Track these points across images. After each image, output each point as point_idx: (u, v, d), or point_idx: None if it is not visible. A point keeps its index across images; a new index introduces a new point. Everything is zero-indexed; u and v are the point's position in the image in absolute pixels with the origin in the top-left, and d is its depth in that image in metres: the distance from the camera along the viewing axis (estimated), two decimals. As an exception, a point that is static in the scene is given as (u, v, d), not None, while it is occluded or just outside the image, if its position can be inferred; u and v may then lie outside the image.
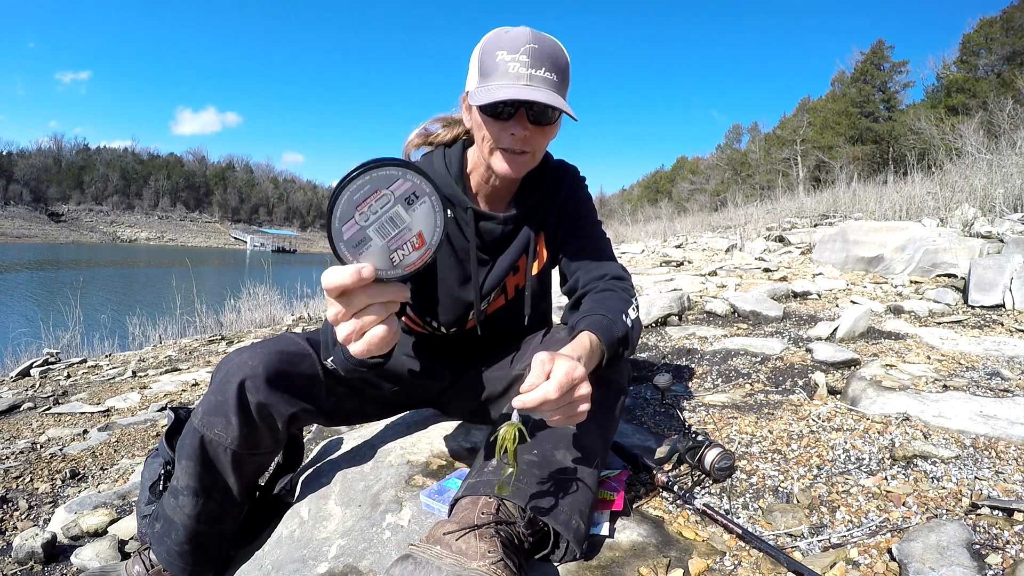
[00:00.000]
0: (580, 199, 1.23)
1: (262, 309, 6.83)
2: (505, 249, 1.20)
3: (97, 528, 1.53)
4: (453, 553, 0.75)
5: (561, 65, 0.99)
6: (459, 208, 1.15)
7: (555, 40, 1.00)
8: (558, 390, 0.74)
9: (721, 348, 2.16)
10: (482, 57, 0.98)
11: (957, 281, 3.26)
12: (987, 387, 1.53)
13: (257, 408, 0.99)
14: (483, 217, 1.15)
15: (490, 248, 1.18)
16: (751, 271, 4.59)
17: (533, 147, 1.03)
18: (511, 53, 0.95)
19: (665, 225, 15.28)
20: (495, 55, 0.96)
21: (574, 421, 0.80)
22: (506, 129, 0.99)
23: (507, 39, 0.97)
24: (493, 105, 0.96)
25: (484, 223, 1.15)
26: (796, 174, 27.38)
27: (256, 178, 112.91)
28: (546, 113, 0.99)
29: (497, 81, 0.95)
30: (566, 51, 1.02)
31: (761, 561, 0.89)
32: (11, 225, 68.87)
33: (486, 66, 0.97)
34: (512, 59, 0.95)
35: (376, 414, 1.32)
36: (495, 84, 0.95)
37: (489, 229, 1.16)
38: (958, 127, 10.85)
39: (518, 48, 0.95)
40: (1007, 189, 5.39)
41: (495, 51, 0.96)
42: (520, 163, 1.03)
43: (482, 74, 0.98)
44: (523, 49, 0.95)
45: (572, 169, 1.26)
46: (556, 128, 1.05)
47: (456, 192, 1.14)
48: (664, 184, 47.50)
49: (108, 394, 3.44)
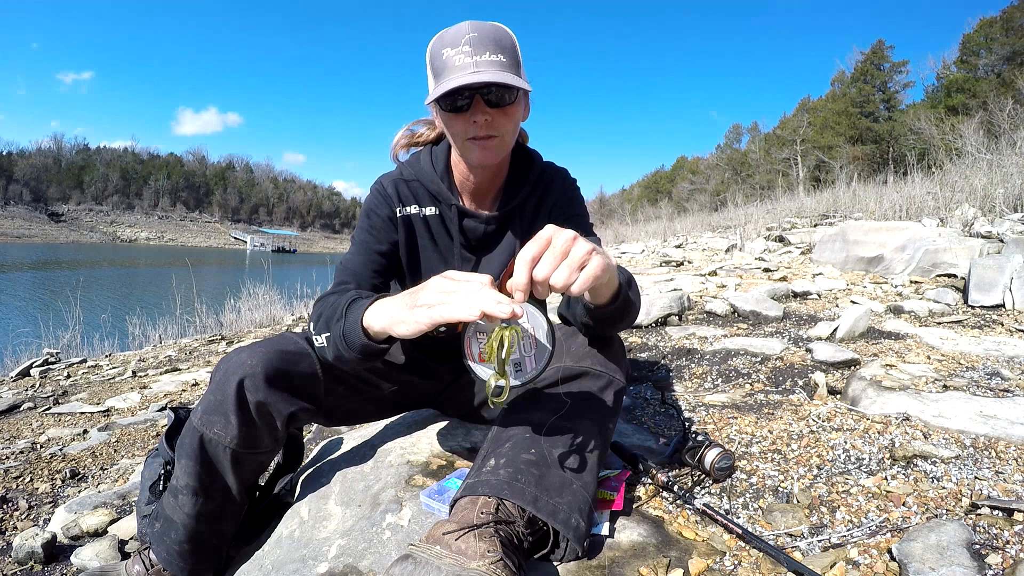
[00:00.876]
0: (572, 201, 1.24)
1: (262, 309, 6.83)
2: (490, 249, 1.21)
3: (97, 528, 1.53)
4: (453, 553, 0.75)
5: (505, 45, 1.00)
6: (443, 205, 1.17)
7: (497, 24, 1.01)
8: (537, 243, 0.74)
9: (721, 348, 2.16)
10: (431, 60, 1.01)
11: (957, 281, 3.26)
12: (987, 387, 1.53)
13: (256, 407, 0.99)
14: (466, 215, 1.17)
15: (473, 247, 1.20)
16: (751, 271, 4.59)
17: (499, 130, 1.03)
18: (454, 48, 0.98)
19: (665, 225, 15.28)
20: (441, 54, 0.99)
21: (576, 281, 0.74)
22: (467, 119, 1.01)
23: (448, 36, 0.99)
24: (448, 98, 0.98)
25: (467, 221, 1.17)
26: (796, 174, 27.39)
27: (256, 178, 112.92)
28: (502, 95, 1.00)
29: (447, 76, 0.98)
30: (511, 32, 1.03)
31: (761, 561, 0.89)
32: (11, 225, 68.88)
33: (436, 66, 1.00)
34: (456, 52, 0.97)
35: (375, 414, 1.32)
36: (445, 80, 0.97)
37: (472, 227, 1.18)
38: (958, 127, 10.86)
39: (459, 41, 0.98)
40: (1007, 189, 5.39)
41: (440, 50, 0.99)
42: (491, 148, 1.04)
43: (435, 75, 1.00)
44: (464, 40, 0.97)
45: (562, 171, 1.26)
46: (519, 108, 1.06)
47: (441, 189, 1.16)
48: (664, 184, 47.50)
49: (108, 394, 3.44)
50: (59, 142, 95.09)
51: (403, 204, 1.16)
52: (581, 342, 1.06)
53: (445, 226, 1.18)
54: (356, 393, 1.18)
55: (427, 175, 1.16)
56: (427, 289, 0.80)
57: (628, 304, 0.96)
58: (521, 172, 1.19)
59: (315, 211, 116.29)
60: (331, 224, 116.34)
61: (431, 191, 1.17)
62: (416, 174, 1.18)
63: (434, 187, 1.16)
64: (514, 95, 1.02)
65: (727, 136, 42.11)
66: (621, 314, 0.96)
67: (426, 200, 1.17)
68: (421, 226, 1.18)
